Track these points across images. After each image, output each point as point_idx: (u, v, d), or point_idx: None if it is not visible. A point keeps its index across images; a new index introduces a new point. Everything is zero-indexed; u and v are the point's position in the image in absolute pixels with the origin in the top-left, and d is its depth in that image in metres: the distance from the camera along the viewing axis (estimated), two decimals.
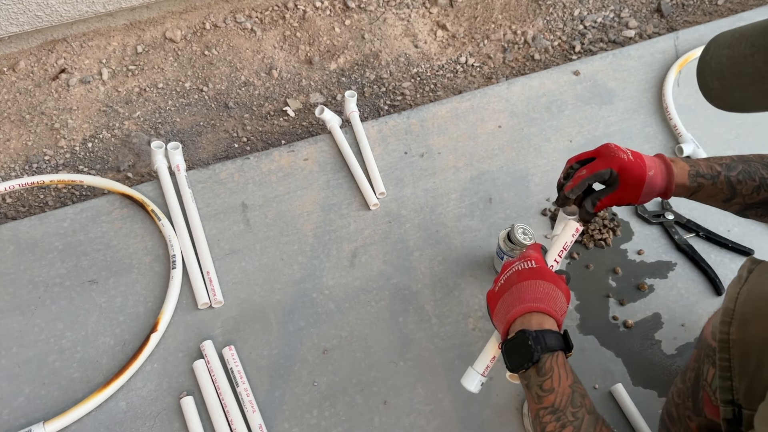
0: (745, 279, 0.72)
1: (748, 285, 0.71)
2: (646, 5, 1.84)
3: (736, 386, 0.68)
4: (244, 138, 1.55)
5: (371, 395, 1.09)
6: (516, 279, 0.85)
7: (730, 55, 0.56)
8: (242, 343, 1.14)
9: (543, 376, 0.77)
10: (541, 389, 0.77)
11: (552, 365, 0.77)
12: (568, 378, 0.76)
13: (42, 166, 1.48)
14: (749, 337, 0.67)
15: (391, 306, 1.19)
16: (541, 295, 0.82)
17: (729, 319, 0.70)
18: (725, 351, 0.69)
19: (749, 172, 0.91)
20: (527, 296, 0.82)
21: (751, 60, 0.53)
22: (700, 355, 0.83)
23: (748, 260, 0.74)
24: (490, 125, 1.46)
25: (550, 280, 0.84)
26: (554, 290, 0.83)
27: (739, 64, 0.55)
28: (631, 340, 1.16)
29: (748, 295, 0.70)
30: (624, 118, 1.48)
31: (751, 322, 0.68)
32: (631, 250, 1.27)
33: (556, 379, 0.76)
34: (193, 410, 1.05)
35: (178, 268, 1.20)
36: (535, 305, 0.81)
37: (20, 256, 1.23)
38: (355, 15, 1.78)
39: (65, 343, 1.13)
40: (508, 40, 1.76)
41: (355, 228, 1.29)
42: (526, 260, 0.87)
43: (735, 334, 0.69)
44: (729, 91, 0.55)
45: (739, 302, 0.70)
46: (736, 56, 0.55)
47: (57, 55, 1.65)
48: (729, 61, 0.56)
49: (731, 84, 0.55)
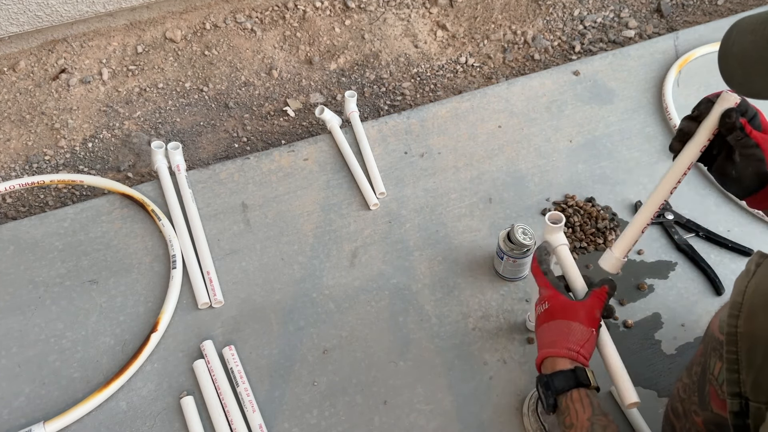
0: (753, 272, 0.72)
1: (756, 278, 0.71)
2: (646, 5, 1.84)
3: (743, 378, 0.69)
4: (244, 138, 1.55)
5: (371, 395, 1.09)
6: (539, 322, 0.88)
7: (754, 40, 0.54)
8: (242, 343, 1.14)
9: (562, 415, 0.79)
10: (564, 426, 0.79)
11: (567, 404, 0.79)
12: (586, 412, 0.78)
13: (42, 166, 1.48)
14: (757, 330, 0.68)
15: (391, 306, 1.19)
16: (554, 336, 0.84)
17: (737, 312, 0.70)
18: (733, 344, 0.70)
19: None
20: (543, 341, 0.85)
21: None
22: (707, 350, 0.84)
23: (756, 254, 0.74)
24: (490, 125, 1.46)
25: (562, 317, 0.85)
26: (567, 326, 0.85)
27: (763, 49, 0.53)
28: (631, 340, 1.16)
29: (756, 288, 0.70)
30: (624, 118, 1.48)
31: (758, 315, 0.68)
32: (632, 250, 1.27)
33: (573, 415, 0.78)
34: (193, 410, 1.05)
35: (178, 268, 1.20)
36: (546, 351, 0.84)
37: (20, 256, 1.23)
38: (355, 15, 1.78)
39: (65, 343, 1.13)
40: (508, 40, 1.76)
41: (355, 228, 1.29)
42: (541, 302, 0.90)
43: (743, 326, 0.70)
44: (751, 78, 0.54)
45: (747, 295, 0.71)
46: (759, 42, 0.53)
47: (57, 55, 1.65)
48: (752, 47, 0.54)
49: (754, 70, 0.53)
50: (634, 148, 1.42)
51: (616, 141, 1.44)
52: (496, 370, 1.11)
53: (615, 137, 1.44)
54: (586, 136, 1.44)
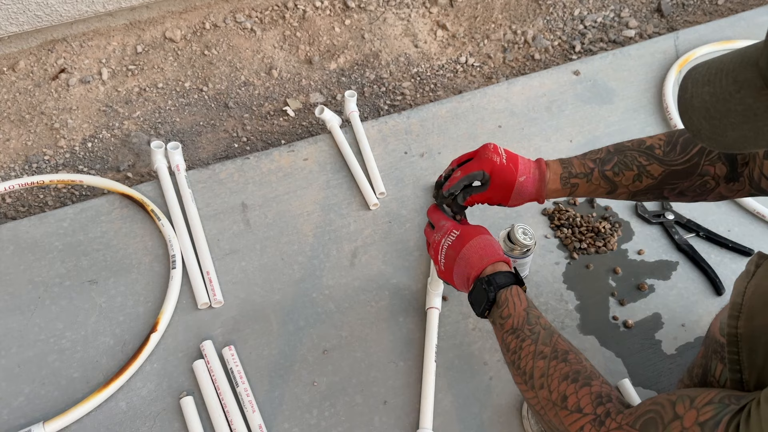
0: (753, 273, 0.73)
1: (756, 279, 0.72)
2: (646, 5, 1.84)
3: (746, 378, 0.69)
4: (244, 138, 1.55)
5: (371, 395, 1.09)
6: (454, 253, 0.92)
7: (713, 92, 0.53)
8: (242, 343, 1.14)
9: (501, 307, 0.85)
10: (501, 318, 0.85)
11: (507, 296, 0.85)
12: (522, 303, 0.85)
13: (42, 166, 1.48)
14: (757, 331, 0.68)
15: (391, 306, 1.19)
16: (482, 251, 0.90)
17: (737, 313, 0.71)
18: (734, 345, 0.71)
19: (625, 162, 0.94)
20: (473, 259, 0.90)
21: (738, 97, 0.51)
22: (708, 352, 0.84)
23: (756, 255, 0.75)
24: (490, 125, 1.46)
25: (477, 234, 0.92)
26: (487, 240, 0.91)
27: (726, 101, 0.52)
28: (631, 340, 1.15)
29: (755, 289, 0.70)
30: (624, 118, 1.48)
31: (758, 316, 0.69)
32: (632, 250, 1.27)
33: (511, 306, 0.84)
34: (193, 410, 1.05)
35: (177, 268, 1.20)
36: (485, 262, 0.89)
37: (20, 256, 1.23)
38: (355, 15, 1.78)
39: (65, 343, 1.13)
40: (508, 39, 1.76)
41: (355, 228, 1.29)
42: (449, 233, 0.94)
43: (743, 327, 0.70)
44: (721, 130, 0.53)
45: (747, 296, 0.71)
46: (720, 93, 0.53)
47: (57, 55, 1.65)
48: (713, 99, 0.53)
49: (722, 123, 0.53)
50: None
51: (616, 141, 1.43)
52: (496, 370, 1.11)
53: (615, 137, 1.44)
54: (587, 136, 1.44)
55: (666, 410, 0.67)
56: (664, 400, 0.69)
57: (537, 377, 0.79)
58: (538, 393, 0.79)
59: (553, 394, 0.77)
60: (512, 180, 0.94)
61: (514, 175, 0.94)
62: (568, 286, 1.22)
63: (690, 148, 0.91)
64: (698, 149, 0.90)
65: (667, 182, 0.92)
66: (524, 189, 0.95)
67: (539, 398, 0.79)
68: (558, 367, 0.78)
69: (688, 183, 0.91)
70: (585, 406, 0.74)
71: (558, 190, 0.97)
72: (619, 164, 0.94)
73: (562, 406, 0.76)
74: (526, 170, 0.95)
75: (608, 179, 0.95)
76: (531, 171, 0.96)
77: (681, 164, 0.90)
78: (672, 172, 0.91)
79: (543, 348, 0.80)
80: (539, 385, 0.79)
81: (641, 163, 0.93)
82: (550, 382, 0.78)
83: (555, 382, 0.77)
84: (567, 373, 0.77)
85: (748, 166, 0.88)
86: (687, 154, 0.90)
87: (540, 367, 0.79)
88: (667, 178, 0.92)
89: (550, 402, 0.77)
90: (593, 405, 0.74)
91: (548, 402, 0.77)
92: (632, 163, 0.94)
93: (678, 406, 0.67)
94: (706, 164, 0.89)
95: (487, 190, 0.96)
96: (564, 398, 0.76)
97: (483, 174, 0.95)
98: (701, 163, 0.89)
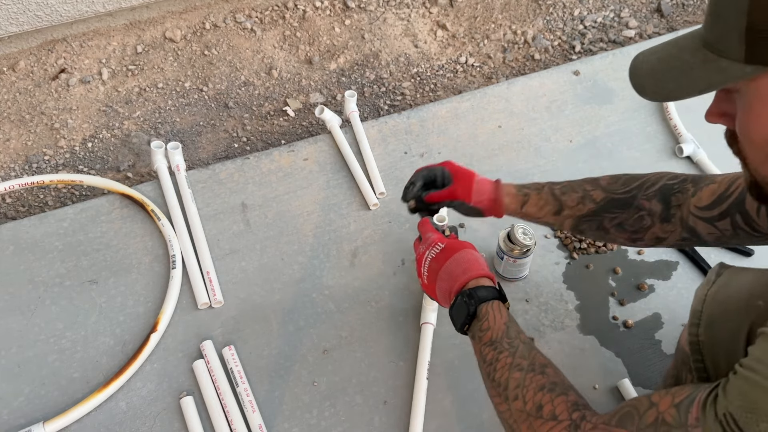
0: (713, 282, 0.75)
1: (715, 287, 0.74)
2: (646, 5, 1.84)
3: None
4: (244, 138, 1.55)
5: (371, 395, 1.09)
6: (437, 266, 0.93)
7: (659, 57, 0.62)
8: (242, 343, 1.14)
9: (480, 320, 0.84)
10: (480, 330, 0.84)
11: (488, 310, 0.84)
12: (503, 318, 0.84)
13: (42, 166, 1.48)
14: (716, 339, 0.69)
15: (391, 306, 1.19)
16: (465, 264, 0.90)
17: (697, 320, 0.73)
18: (697, 353, 0.73)
19: (572, 186, 0.99)
20: (456, 273, 0.89)
21: (678, 55, 0.59)
22: (678, 363, 0.87)
23: (718, 264, 0.78)
24: (490, 125, 1.46)
25: (462, 248, 0.92)
26: (471, 254, 0.91)
27: (668, 61, 0.60)
28: (631, 340, 1.15)
29: (714, 296, 0.72)
30: (624, 118, 1.48)
31: (717, 324, 0.71)
32: (632, 250, 1.27)
33: (491, 319, 0.84)
34: (193, 410, 1.05)
35: (177, 268, 1.20)
36: (467, 276, 0.88)
37: (20, 256, 1.23)
38: (355, 15, 1.78)
39: (65, 343, 1.13)
40: (508, 40, 1.76)
41: (355, 228, 1.29)
42: (433, 245, 0.95)
43: (703, 335, 0.72)
44: (663, 84, 0.61)
45: (706, 304, 0.74)
46: (665, 57, 0.61)
47: (57, 55, 1.65)
48: (658, 62, 0.62)
49: (664, 77, 0.61)
50: (635, 148, 1.42)
51: (616, 141, 1.43)
52: None
53: (615, 137, 1.44)
54: (586, 136, 1.44)
55: (641, 402, 0.67)
56: (641, 397, 0.69)
57: (512, 388, 0.77)
58: (511, 405, 0.77)
59: (527, 404, 0.75)
60: (471, 174, 1.03)
61: (473, 173, 1.03)
62: (568, 286, 1.22)
63: (631, 183, 0.95)
64: (638, 184, 0.94)
65: (607, 210, 0.95)
66: (483, 187, 1.01)
67: (512, 410, 0.77)
68: (535, 378, 0.76)
69: (626, 215, 0.94)
70: (560, 413, 0.72)
71: (512, 194, 1.02)
72: (567, 186, 1.00)
73: (536, 415, 0.74)
74: (480, 176, 1.04)
75: (555, 197, 0.99)
76: (485, 178, 1.03)
77: (621, 194, 0.95)
78: (612, 199, 0.95)
79: (520, 361, 0.79)
80: (513, 396, 0.77)
81: (585, 188, 0.98)
82: (525, 393, 0.76)
83: (530, 393, 0.75)
84: (543, 384, 0.75)
85: (680, 208, 0.90)
86: (628, 186, 0.95)
87: (516, 378, 0.77)
88: (608, 205, 0.95)
89: (524, 413, 0.75)
90: (569, 411, 0.72)
91: (521, 413, 0.75)
92: (579, 187, 0.99)
93: (653, 396, 0.67)
94: (643, 198, 0.93)
95: (450, 186, 1.02)
96: (539, 407, 0.74)
97: (443, 170, 1.03)
98: (638, 196, 0.93)
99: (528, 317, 1.18)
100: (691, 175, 0.92)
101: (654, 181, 0.93)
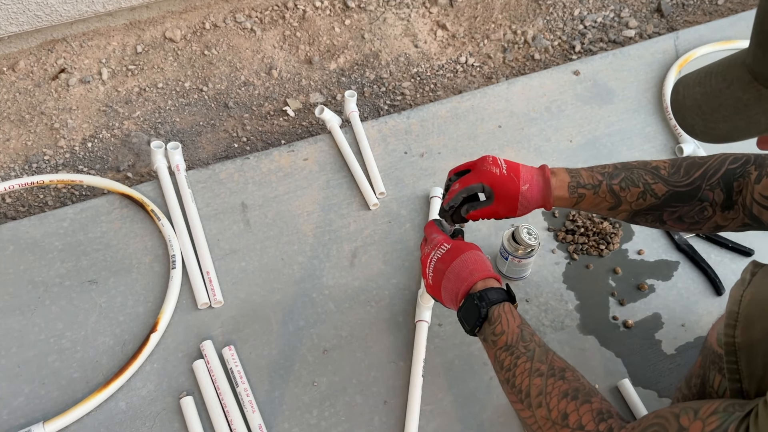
0: (749, 282, 0.73)
1: (752, 287, 0.72)
2: (646, 5, 1.84)
3: (746, 388, 0.69)
4: (244, 138, 1.55)
5: (371, 395, 1.09)
6: (443, 266, 0.91)
7: (703, 92, 0.57)
8: (242, 343, 1.14)
9: (493, 324, 0.84)
10: (494, 334, 0.83)
11: (500, 313, 0.84)
12: (516, 320, 0.83)
13: (42, 166, 1.48)
14: (754, 340, 0.68)
15: (391, 306, 1.19)
16: (473, 265, 0.88)
17: (734, 322, 0.71)
18: (732, 354, 0.71)
19: (632, 178, 0.94)
20: (464, 274, 0.88)
21: (728, 92, 0.55)
22: (706, 362, 0.85)
23: (752, 263, 0.75)
24: (490, 125, 1.46)
25: (468, 249, 0.91)
26: (478, 255, 0.90)
27: (717, 98, 0.56)
28: (631, 340, 1.16)
29: (752, 297, 0.70)
30: (624, 118, 1.48)
31: (755, 325, 0.69)
32: (632, 250, 1.27)
33: (504, 323, 0.83)
34: (193, 410, 1.05)
35: (177, 268, 1.20)
36: (474, 277, 0.87)
37: (20, 256, 1.23)
38: (355, 15, 1.78)
39: (65, 343, 1.13)
40: (508, 39, 1.76)
41: (355, 228, 1.29)
42: (438, 246, 0.93)
43: (740, 336, 0.70)
44: (713, 124, 0.57)
45: (743, 305, 0.71)
46: (711, 92, 0.57)
47: (57, 55, 1.65)
48: (704, 98, 0.57)
49: (713, 117, 0.56)
50: (635, 148, 1.42)
51: (616, 141, 1.43)
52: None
53: (615, 137, 1.44)
54: (587, 136, 1.44)
55: (670, 422, 0.67)
56: (668, 413, 0.68)
57: (534, 395, 0.77)
58: (535, 412, 0.77)
59: (552, 412, 0.75)
60: (516, 190, 0.93)
61: (517, 185, 0.93)
62: (568, 286, 1.22)
63: (693, 171, 0.91)
64: (700, 173, 0.91)
65: (669, 204, 0.92)
66: (529, 197, 0.94)
67: (536, 417, 0.77)
68: (556, 384, 0.76)
69: (687, 208, 0.91)
70: (587, 423, 0.72)
71: (564, 198, 0.95)
72: (626, 180, 0.94)
73: (563, 424, 0.74)
74: (528, 178, 0.94)
75: (615, 193, 0.94)
76: (534, 178, 0.95)
77: (684, 186, 0.91)
78: (675, 193, 0.91)
79: (539, 365, 0.79)
80: (537, 403, 0.77)
81: (647, 180, 0.93)
82: (548, 400, 0.76)
83: (554, 400, 0.75)
84: (566, 391, 0.75)
85: (741, 194, 0.88)
86: (690, 177, 0.91)
87: (537, 385, 0.77)
88: (669, 199, 0.92)
89: (549, 421, 0.75)
90: (595, 422, 0.72)
91: (547, 421, 0.75)
92: (639, 180, 0.93)
93: (682, 418, 0.66)
94: (707, 189, 0.90)
95: (493, 204, 0.94)
96: (565, 416, 0.74)
97: (483, 186, 0.94)
98: (702, 186, 0.90)
99: (528, 317, 1.18)
100: (754, 155, 0.87)
101: (717, 168, 0.90)
